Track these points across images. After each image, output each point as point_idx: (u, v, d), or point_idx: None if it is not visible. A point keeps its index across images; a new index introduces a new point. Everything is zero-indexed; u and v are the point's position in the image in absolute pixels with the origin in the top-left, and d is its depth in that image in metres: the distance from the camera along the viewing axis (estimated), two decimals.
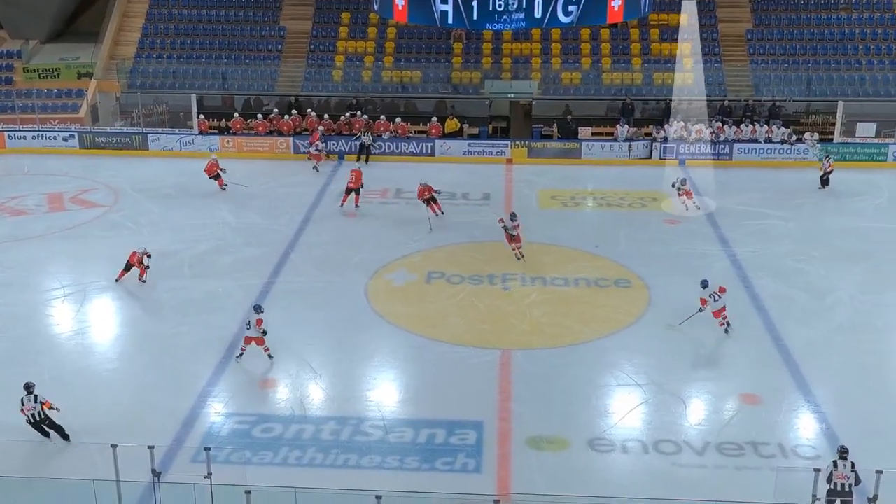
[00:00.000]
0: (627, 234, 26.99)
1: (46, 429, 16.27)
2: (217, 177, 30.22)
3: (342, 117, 34.83)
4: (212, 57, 38.28)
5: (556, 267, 24.40)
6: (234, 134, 35.01)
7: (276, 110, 35.54)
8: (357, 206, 28.66)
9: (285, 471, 15.81)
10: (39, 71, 39.28)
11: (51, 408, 16.25)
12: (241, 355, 19.34)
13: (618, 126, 34.46)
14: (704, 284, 20.25)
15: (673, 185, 28.47)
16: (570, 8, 19.30)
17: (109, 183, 31.53)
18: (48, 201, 29.86)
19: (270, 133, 34.89)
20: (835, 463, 14.05)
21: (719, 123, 34.25)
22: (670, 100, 35.85)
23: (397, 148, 33.96)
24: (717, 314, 20.22)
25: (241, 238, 26.58)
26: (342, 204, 28.85)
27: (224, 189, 30.15)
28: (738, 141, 33.98)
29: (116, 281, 22.98)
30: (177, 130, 35.45)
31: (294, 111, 35.31)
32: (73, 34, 43.02)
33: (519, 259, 24.19)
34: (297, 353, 19.92)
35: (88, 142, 35.21)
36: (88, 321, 22.06)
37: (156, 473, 14.12)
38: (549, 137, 34.99)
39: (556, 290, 23.18)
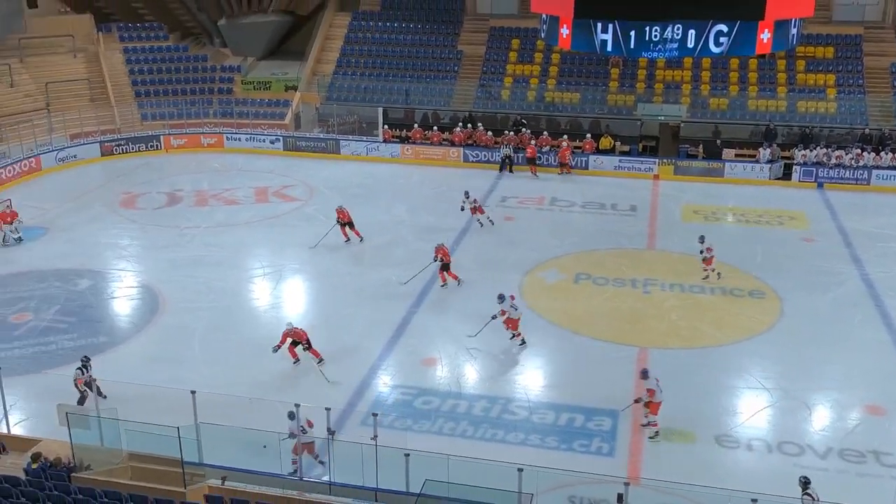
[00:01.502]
0: (764, 249, 25.88)
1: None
2: (345, 225, 25.88)
3: (506, 132, 34.88)
4: (397, 75, 39.08)
5: (694, 275, 23.65)
6: (413, 143, 35.62)
7: (461, 124, 35.78)
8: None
9: (440, 439, 16.03)
10: (254, 83, 41.16)
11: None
12: (294, 472, 14.69)
13: (760, 149, 33.15)
14: (644, 375, 16.50)
15: (701, 253, 23.34)
16: (721, 39, 18.62)
17: (306, 181, 32.67)
18: (255, 194, 31.22)
19: (444, 143, 35.32)
20: (811, 495, 13.03)
21: (858, 150, 32.37)
22: (812, 127, 34.18)
23: (554, 161, 33.72)
24: (654, 408, 16.31)
25: (414, 234, 27.03)
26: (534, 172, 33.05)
27: (347, 242, 25.90)
28: (877, 167, 32.00)
29: (275, 350, 18.61)
30: (364, 138, 36.32)
31: (479, 125, 35.43)
32: (284, 53, 44.96)
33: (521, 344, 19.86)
34: (456, 338, 20.13)
35: (291, 145, 36.57)
36: (282, 297, 22.96)
37: (331, 432, 14.58)
38: (694, 157, 33.98)
39: (692, 297, 22.51)
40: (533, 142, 33.90)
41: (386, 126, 36.25)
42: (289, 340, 18.51)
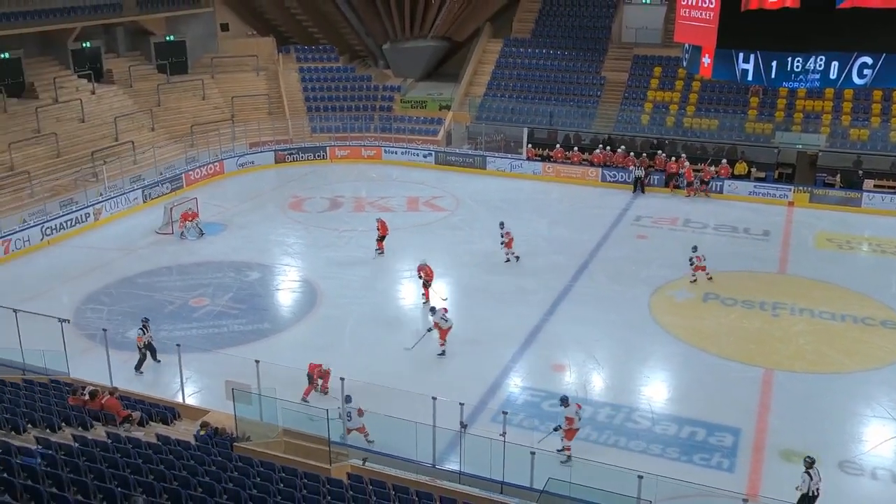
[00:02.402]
0: None
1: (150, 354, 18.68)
2: (382, 239, 25.87)
3: (643, 154, 34.14)
4: (543, 98, 38.91)
5: (825, 302, 22.38)
6: (555, 162, 35.39)
7: (600, 145, 35.22)
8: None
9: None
10: (412, 102, 41.97)
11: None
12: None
13: None
14: (565, 402, 15.33)
15: (690, 262, 23.41)
16: (865, 72, 17.54)
17: (454, 193, 33.03)
18: (407, 203, 31.82)
19: (583, 163, 34.90)
20: (810, 474, 13.04)
21: None
22: None
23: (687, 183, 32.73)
24: (570, 434, 15.35)
25: (551, 246, 26.83)
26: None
27: (377, 251, 25.83)
28: None
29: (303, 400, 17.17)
30: (509, 155, 36.38)
31: (619, 147, 34.88)
32: (440, 75, 45.67)
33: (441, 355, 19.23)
34: (585, 347, 19.84)
35: (441, 159, 37.07)
36: (425, 298, 23.25)
37: (463, 425, 14.66)
38: (831, 186, 32.17)
39: (822, 323, 21.29)
40: (673, 158, 33.21)
41: (530, 145, 36.18)
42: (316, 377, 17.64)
